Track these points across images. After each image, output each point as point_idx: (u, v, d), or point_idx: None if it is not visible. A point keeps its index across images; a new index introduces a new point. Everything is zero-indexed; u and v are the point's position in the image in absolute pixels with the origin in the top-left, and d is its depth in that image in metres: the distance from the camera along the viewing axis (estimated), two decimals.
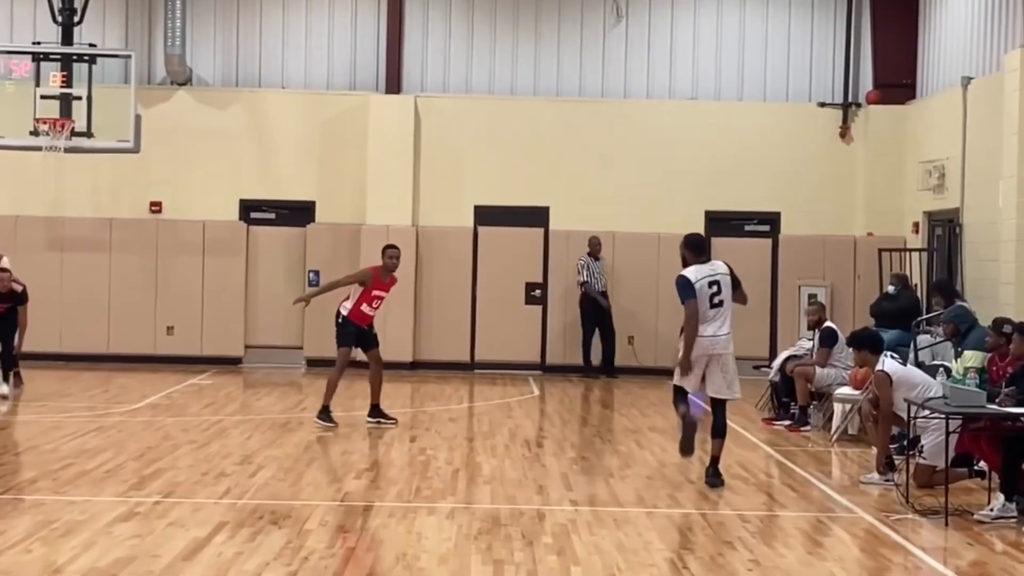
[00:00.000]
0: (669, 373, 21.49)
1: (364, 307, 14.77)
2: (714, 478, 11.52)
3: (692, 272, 11.56)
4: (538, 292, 22.22)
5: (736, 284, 11.71)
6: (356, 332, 14.81)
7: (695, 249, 11.77)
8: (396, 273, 15.12)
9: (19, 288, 17.19)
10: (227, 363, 21.70)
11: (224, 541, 8.73)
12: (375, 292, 14.78)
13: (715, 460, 11.65)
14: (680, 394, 11.80)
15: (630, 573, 8.15)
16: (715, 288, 11.52)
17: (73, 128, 19.59)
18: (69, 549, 8.35)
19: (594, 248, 21.63)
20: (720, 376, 11.63)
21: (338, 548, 8.62)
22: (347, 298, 14.83)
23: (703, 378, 11.64)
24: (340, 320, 14.79)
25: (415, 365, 21.85)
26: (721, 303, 11.52)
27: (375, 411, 14.99)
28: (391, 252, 15.02)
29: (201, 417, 15.38)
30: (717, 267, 11.69)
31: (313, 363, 21.28)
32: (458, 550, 8.68)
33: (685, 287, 11.47)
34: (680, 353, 11.67)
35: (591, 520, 9.79)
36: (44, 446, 12.75)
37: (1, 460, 11.77)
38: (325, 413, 14.54)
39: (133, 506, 9.91)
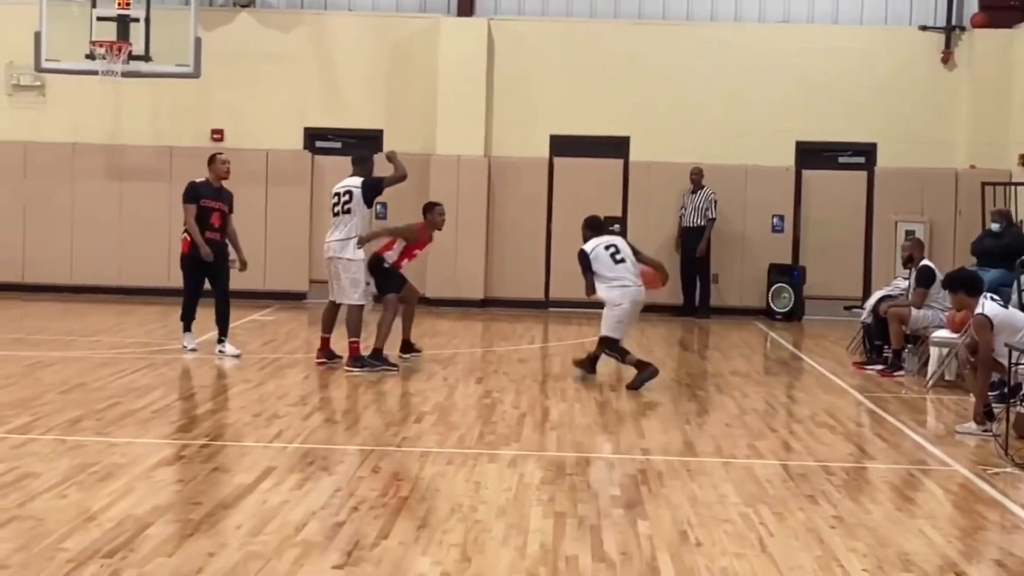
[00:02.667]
0: (755, 313, 21.23)
1: (404, 261, 14.71)
2: (591, 371, 14.03)
3: (588, 245, 13.88)
4: (617, 227, 21.81)
5: (637, 252, 14.11)
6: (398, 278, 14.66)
7: (593, 228, 14.14)
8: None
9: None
10: (290, 298, 21.61)
11: (270, 488, 8.54)
12: (416, 251, 14.78)
13: (596, 358, 14.06)
14: (616, 346, 13.72)
15: (702, 529, 7.85)
16: (612, 249, 13.84)
17: (131, 51, 19.43)
18: (106, 495, 8.19)
19: (692, 179, 21.30)
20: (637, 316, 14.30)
21: (390, 497, 8.39)
22: (388, 248, 14.60)
23: None
24: (386, 267, 14.51)
25: (486, 303, 21.62)
26: (624, 259, 13.80)
27: (407, 346, 14.94)
28: (439, 210, 14.93)
29: (259, 355, 15.25)
30: (613, 238, 14.17)
31: (380, 300, 21.04)
32: (518, 501, 8.43)
33: (582, 259, 13.84)
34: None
35: (663, 470, 9.50)
36: (92, 384, 12.65)
37: (45, 399, 11.67)
38: (378, 355, 14.11)
39: (178, 449, 9.76)
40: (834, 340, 17.98)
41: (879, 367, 15.19)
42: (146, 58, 19.59)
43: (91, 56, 19.39)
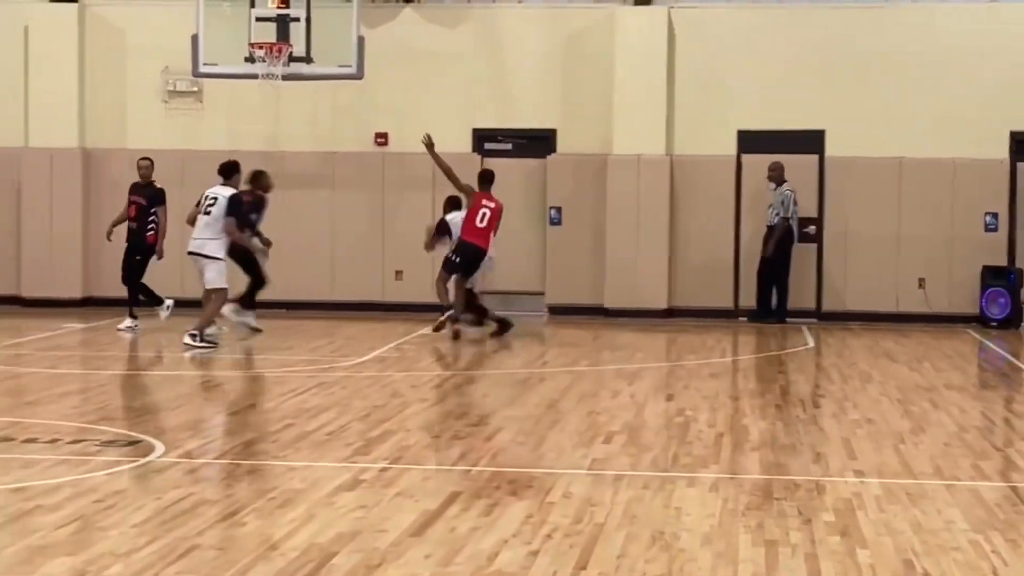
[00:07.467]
0: (967, 320, 20.88)
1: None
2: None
3: None
4: (812, 228, 21.66)
5: None
6: None
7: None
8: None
9: None
10: None
11: (457, 514, 8.63)
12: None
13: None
14: None
15: (928, 558, 7.74)
16: None
17: (291, 53, 19.78)
18: (287, 522, 8.35)
19: (770, 175, 21.31)
20: None
21: (585, 524, 8.43)
22: None
23: None
24: None
25: (671, 312, 21.57)
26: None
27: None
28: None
29: (432, 372, 15.43)
30: None
31: (556, 311, 21.20)
32: (723, 528, 8.40)
33: None
34: None
35: (880, 494, 9.38)
36: (264, 404, 12.93)
37: (216, 420, 11.97)
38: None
39: (357, 473, 9.90)
40: None
41: None
42: (307, 59, 19.95)
43: (250, 59, 19.78)
